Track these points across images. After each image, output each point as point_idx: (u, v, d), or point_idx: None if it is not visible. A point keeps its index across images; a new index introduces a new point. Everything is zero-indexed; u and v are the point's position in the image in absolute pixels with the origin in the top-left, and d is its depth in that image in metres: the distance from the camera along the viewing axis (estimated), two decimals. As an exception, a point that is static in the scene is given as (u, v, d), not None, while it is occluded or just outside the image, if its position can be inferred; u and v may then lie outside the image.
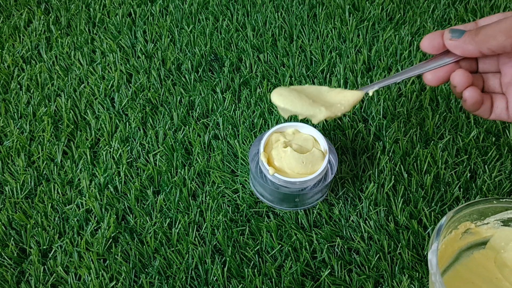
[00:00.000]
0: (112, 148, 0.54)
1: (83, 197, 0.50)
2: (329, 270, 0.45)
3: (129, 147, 0.54)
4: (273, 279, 0.45)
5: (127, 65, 0.62)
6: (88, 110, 0.57)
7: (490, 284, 0.41)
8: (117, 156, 0.53)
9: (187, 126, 0.56)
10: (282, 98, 0.40)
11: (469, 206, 0.40)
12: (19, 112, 0.57)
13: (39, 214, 0.49)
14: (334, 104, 0.40)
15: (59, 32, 0.66)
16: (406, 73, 0.38)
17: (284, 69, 0.61)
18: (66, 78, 0.61)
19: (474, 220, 0.42)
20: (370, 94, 0.40)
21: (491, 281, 0.41)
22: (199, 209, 0.49)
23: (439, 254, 0.37)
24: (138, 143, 0.54)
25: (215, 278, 0.45)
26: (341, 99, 0.40)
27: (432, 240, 0.37)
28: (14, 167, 0.53)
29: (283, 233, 0.48)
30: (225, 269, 0.45)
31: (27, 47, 0.64)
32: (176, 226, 0.48)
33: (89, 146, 0.54)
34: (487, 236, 0.43)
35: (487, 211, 0.41)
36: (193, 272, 0.46)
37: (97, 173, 0.52)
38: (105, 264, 0.46)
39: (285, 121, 0.56)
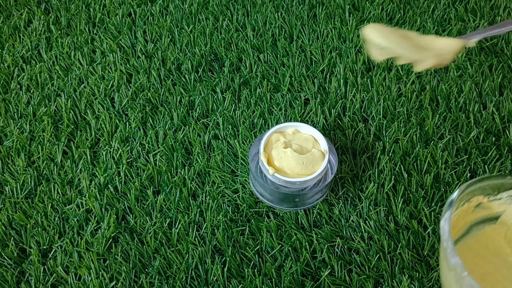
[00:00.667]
0: (112, 148, 0.54)
1: (83, 197, 0.50)
2: (329, 270, 0.45)
3: (129, 147, 0.54)
4: (273, 279, 0.45)
5: (127, 65, 0.62)
6: (88, 110, 0.57)
7: (499, 258, 0.42)
8: (117, 156, 0.53)
9: (187, 126, 0.56)
10: (383, 36, 0.35)
11: (483, 180, 0.39)
12: (19, 112, 0.57)
13: (39, 214, 0.49)
14: (440, 52, 0.35)
15: (59, 32, 0.66)
16: (509, 24, 0.35)
17: (284, 69, 0.61)
18: (66, 78, 0.61)
19: (487, 195, 0.41)
20: (470, 45, 0.36)
21: (500, 255, 0.42)
22: (199, 209, 0.49)
23: (451, 224, 0.36)
24: (138, 143, 0.54)
25: (215, 278, 0.45)
26: (443, 47, 0.35)
27: (444, 210, 0.37)
28: (14, 167, 0.53)
29: (283, 233, 0.48)
30: (225, 269, 0.45)
31: (27, 47, 0.64)
32: (176, 226, 0.48)
33: (89, 146, 0.54)
34: (499, 212, 0.42)
35: (501, 186, 0.41)
36: (193, 272, 0.46)
37: (97, 173, 0.52)
38: (105, 264, 0.46)
39: (285, 120, 0.56)
